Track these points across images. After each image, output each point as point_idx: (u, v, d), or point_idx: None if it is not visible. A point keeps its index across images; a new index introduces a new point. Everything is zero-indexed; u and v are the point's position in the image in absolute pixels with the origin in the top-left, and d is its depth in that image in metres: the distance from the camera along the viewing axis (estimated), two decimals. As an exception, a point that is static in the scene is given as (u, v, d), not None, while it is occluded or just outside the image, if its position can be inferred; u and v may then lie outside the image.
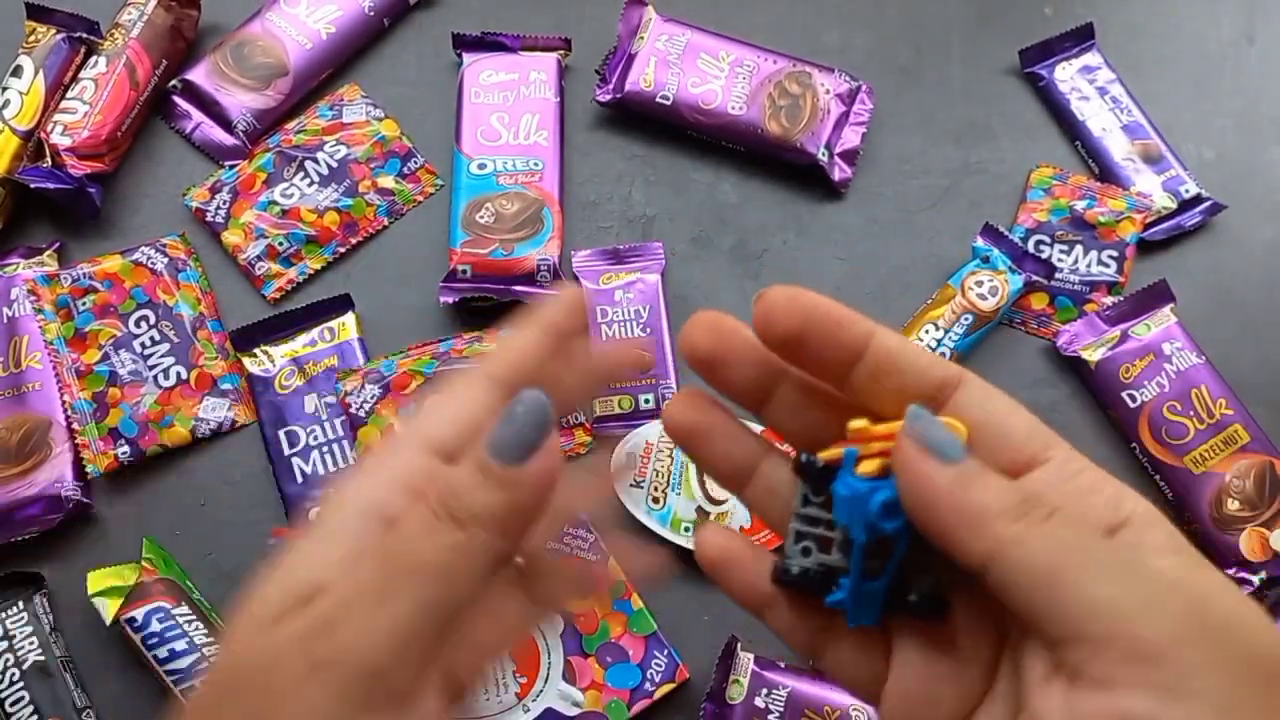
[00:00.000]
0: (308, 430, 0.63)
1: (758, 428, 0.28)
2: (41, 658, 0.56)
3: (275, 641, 0.22)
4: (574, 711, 0.56)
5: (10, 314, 0.64)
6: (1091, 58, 0.75)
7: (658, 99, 0.70)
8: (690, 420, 0.27)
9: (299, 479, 0.62)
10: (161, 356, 0.64)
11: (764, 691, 0.55)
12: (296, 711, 0.21)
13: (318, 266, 0.68)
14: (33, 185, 0.65)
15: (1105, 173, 0.72)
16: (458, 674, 0.25)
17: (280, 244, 0.67)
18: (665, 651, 0.57)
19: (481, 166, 0.68)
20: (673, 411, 0.27)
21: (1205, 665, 0.20)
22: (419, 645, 0.22)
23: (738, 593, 0.27)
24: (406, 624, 0.22)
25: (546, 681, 0.56)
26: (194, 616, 0.57)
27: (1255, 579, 0.60)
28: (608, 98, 0.71)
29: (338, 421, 0.63)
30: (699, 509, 0.60)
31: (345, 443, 0.63)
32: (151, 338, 0.64)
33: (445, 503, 0.23)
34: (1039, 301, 0.68)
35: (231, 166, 0.70)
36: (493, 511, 0.23)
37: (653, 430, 0.62)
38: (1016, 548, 0.22)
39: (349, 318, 0.66)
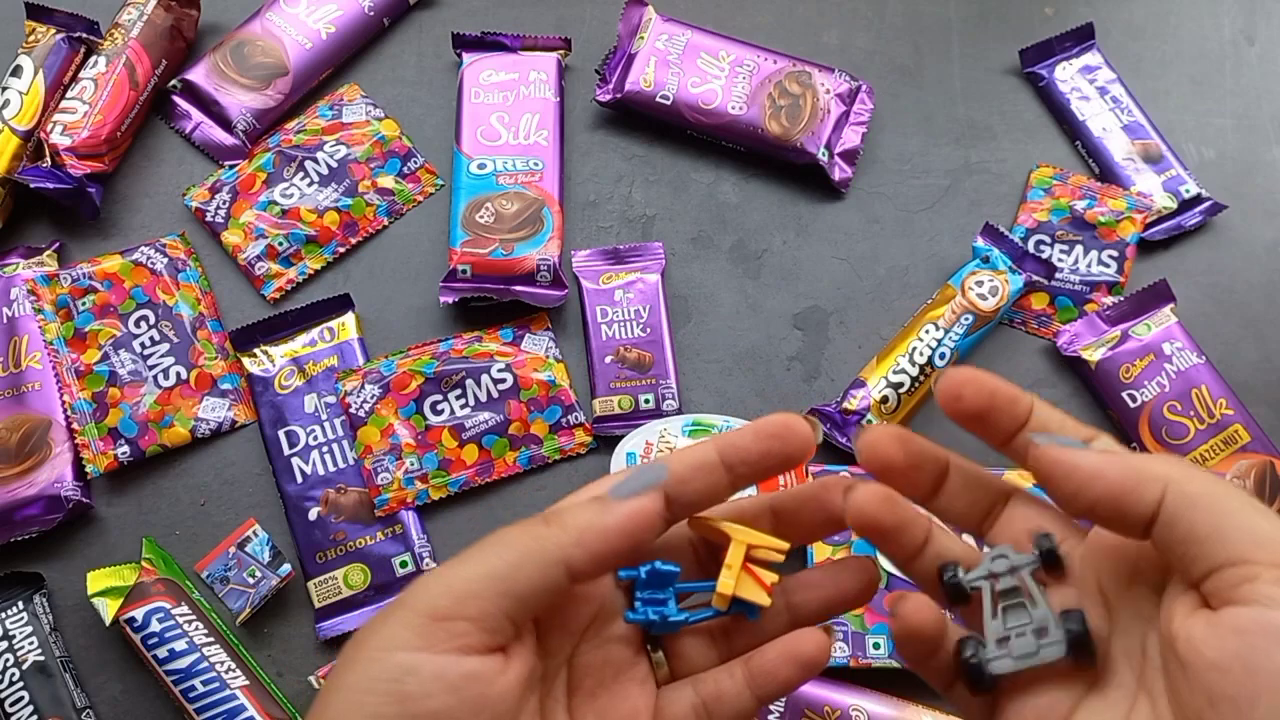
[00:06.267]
0: (308, 430, 0.63)
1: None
2: (41, 658, 0.56)
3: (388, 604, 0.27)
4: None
5: (10, 314, 0.64)
6: (1092, 57, 0.75)
7: (658, 99, 0.70)
8: (881, 517, 0.28)
9: (299, 479, 0.62)
10: (161, 356, 0.64)
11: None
12: (378, 642, 0.25)
13: (317, 266, 0.68)
14: (33, 185, 0.65)
15: (1105, 173, 0.72)
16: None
17: (280, 244, 0.67)
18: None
19: (481, 166, 0.68)
20: (863, 507, 0.28)
21: None
22: (476, 605, 0.25)
23: (931, 674, 0.29)
24: (467, 584, 0.26)
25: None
26: (194, 616, 0.57)
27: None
28: (608, 98, 0.71)
29: (338, 421, 0.63)
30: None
31: (345, 443, 0.63)
32: (151, 338, 0.64)
33: (549, 512, 0.28)
34: (1039, 301, 0.68)
35: (231, 166, 0.70)
36: (578, 521, 0.27)
37: (653, 430, 0.62)
38: (1185, 484, 0.24)
39: (349, 318, 0.66)
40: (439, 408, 0.63)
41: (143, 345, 0.64)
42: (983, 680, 0.27)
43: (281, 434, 0.63)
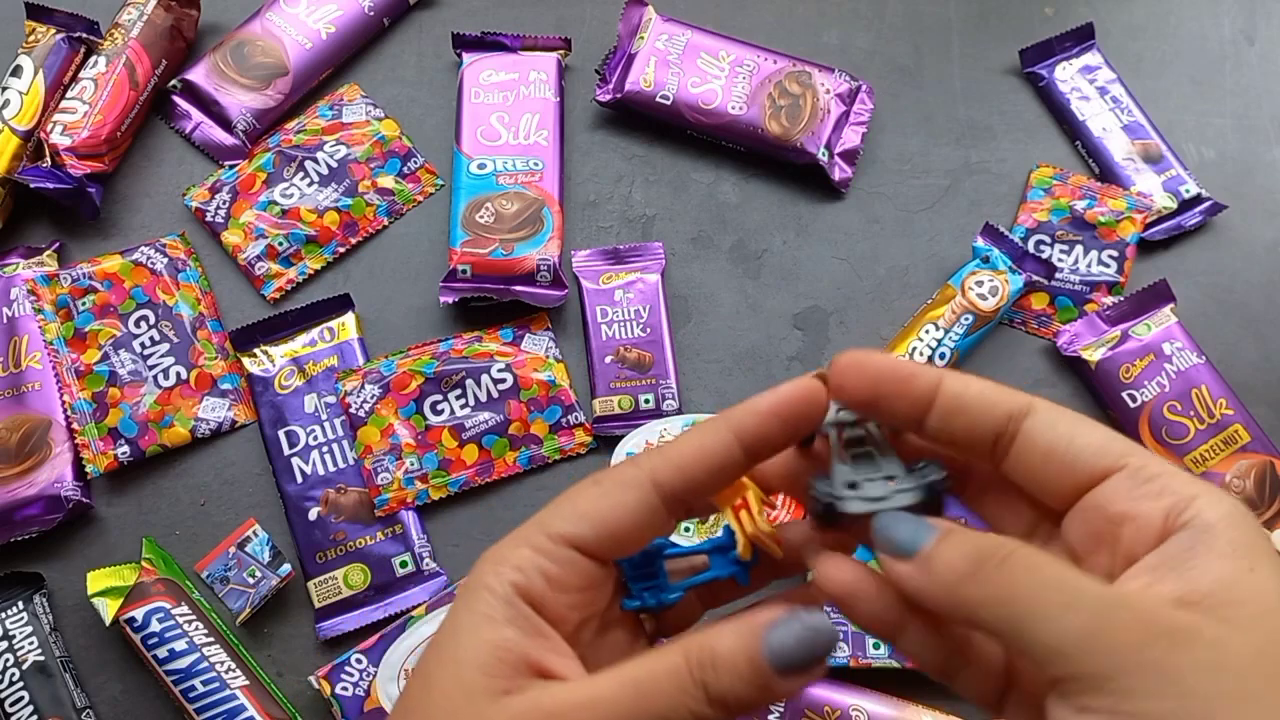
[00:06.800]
0: (308, 430, 0.63)
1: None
2: (41, 658, 0.56)
3: (467, 694, 0.24)
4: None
5: (10, 314, 0.64)
6: (1092, 57, 0.75)
7: (658, 99, 0.70)
8: (848, 579, 0.27)
9: (299, 479, 0.62)
10: (161, 356, 0.64)
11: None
12: None
13: (317, 266, 0.68)
14: (33, 185, 0.65)
15: (1105, 173, 0.72)
16: None
17: (280, 244, 0.67)
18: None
19: (481, 166, 0.68)
20: (830, 574, 0.27)
21: (1149, 689, 0.21)
22: None
23: (866, 622, 0.27)
24: None
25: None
26: (194, 616, 0.57)
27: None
28: (608, 98, 0.71)
29: (338, 421, 0.63)
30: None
31: (345, 443, 0.63)
32: (151, 338, 0.64)
33: (705, 671, 0.24)
34: (1039, 301, 0.68)
35: (231, 166, 0.70)
36: (740, 701, 0.24)
37: (653, 430, 0.62)
38: (981, 611, 0.23)
39: (349, 318, 0.66)
40: (439, 408, 0.63)
41: (143, 345, 0.64)
42: (832, 515, 0.26)
43: (281, 434, 0.63)
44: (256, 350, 0.65)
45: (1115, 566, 0.24)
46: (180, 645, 0.56)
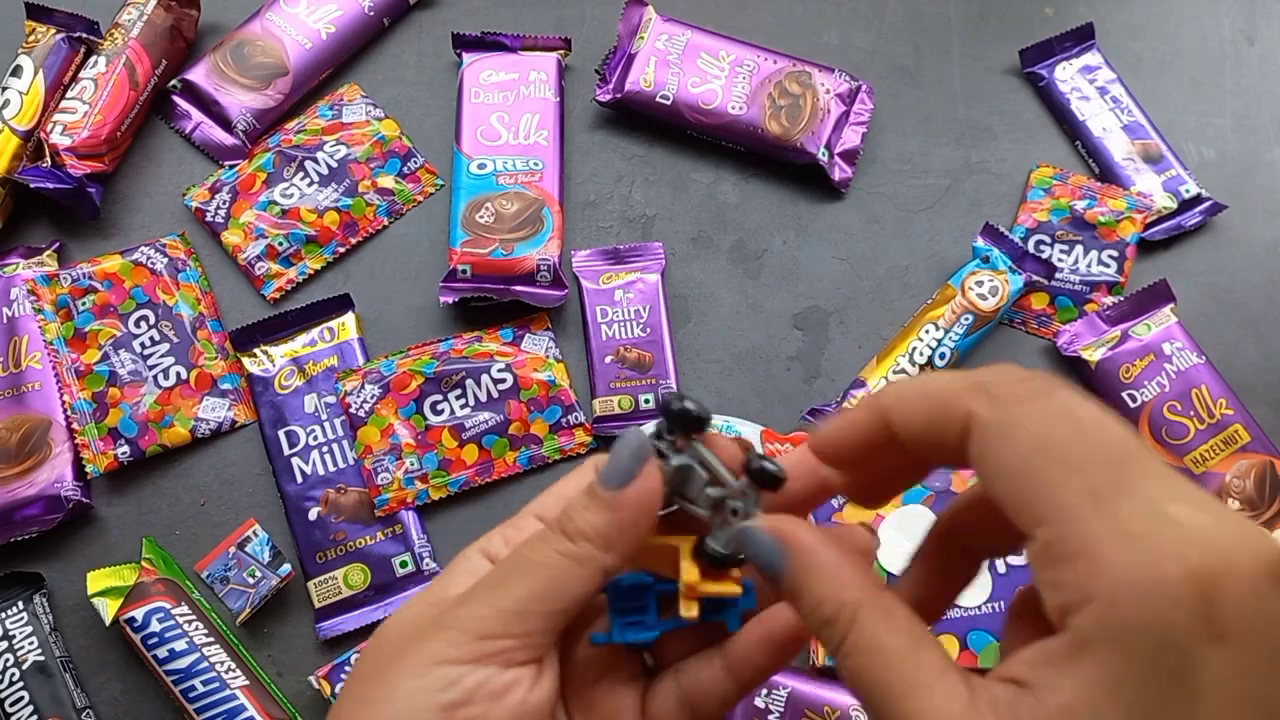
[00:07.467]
0: (307, 430, 0.63)
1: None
2: (41, 658, 0.56)
3: (413, 613, 0.28)
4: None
5: (10, 314, 0.64)
6: (1092, 57, 0.75)
7: (658, 99, 0.70)
8: None
9: (299, 479, 0.62)
10: (161, 356, 0.64)
11: (764, 691, 0.55)
12: (422, 657, 0.26)
13: (317, 266, 0.68)
14: (33, 185, 0.65)
15: (1105, 173, 0.72)
16: None
17: (280, 244, 0.67)
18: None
19: (481, 166, 0.68)
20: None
21: None
22: (523, 624, 0.26)
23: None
24: (514, 605, 0.27)
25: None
26: (193, 616, 0.57)
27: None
28: (608, 98, 0.71)
29: (338, 421, 0.63)
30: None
31: (345, 442, 0.63)
32: (151, 338, 0.64)
33: (561, 520, 0.28)
34: (1039, 301, 0.68)
35: (231, 166, 0.70)
36: (597, 528, 0.27)
37: (652, 430, 0.62)
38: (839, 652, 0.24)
39: (349, 318, 0.66)
40: (439, 408, 0.63)
41: (143, 345, 0.64)
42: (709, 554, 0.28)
43: (281, 434, 0.63)
44: (256, 350, 0.65)
45: None
46: (180, 645, 0.56)
